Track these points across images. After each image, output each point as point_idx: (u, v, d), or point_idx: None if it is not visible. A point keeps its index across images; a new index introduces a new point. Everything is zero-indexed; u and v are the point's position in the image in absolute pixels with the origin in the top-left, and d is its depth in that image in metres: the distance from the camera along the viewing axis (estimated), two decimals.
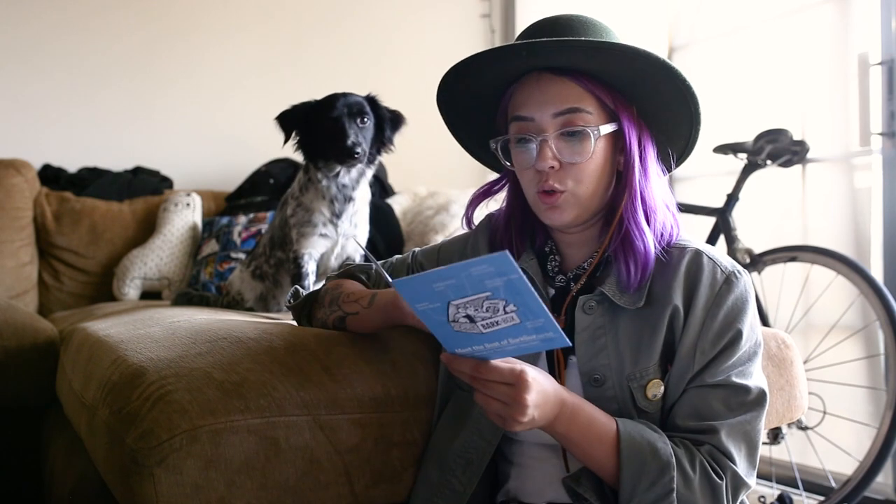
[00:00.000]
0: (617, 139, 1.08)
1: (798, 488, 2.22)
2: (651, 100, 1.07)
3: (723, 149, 2.44)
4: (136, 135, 3.05)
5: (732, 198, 2.41)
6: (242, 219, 2.66)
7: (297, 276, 1.75)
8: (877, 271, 2.26)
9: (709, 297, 1.04)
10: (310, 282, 1.75)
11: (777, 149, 2.34)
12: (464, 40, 3.53)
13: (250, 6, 3.25)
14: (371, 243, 2.51)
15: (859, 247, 2.36)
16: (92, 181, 2.83)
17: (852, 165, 2.41)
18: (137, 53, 3.05)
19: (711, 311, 1.04)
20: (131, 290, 2.61)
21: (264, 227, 2.56)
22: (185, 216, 2.73)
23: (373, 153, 1.75)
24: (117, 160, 2.97)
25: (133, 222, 2.76)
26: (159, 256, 2.64)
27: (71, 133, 2.96)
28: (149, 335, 1.27)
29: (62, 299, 2.64)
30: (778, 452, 2.30)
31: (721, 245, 2.41)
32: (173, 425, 0.99)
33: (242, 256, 2.45)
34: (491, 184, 1.21)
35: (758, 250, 2.35)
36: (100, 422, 1.10)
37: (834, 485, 2.15)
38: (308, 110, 1.73)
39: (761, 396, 1.04)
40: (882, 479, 2.17)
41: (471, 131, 1.21)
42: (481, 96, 1.14)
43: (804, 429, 2.22)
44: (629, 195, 1.07)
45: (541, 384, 0.93)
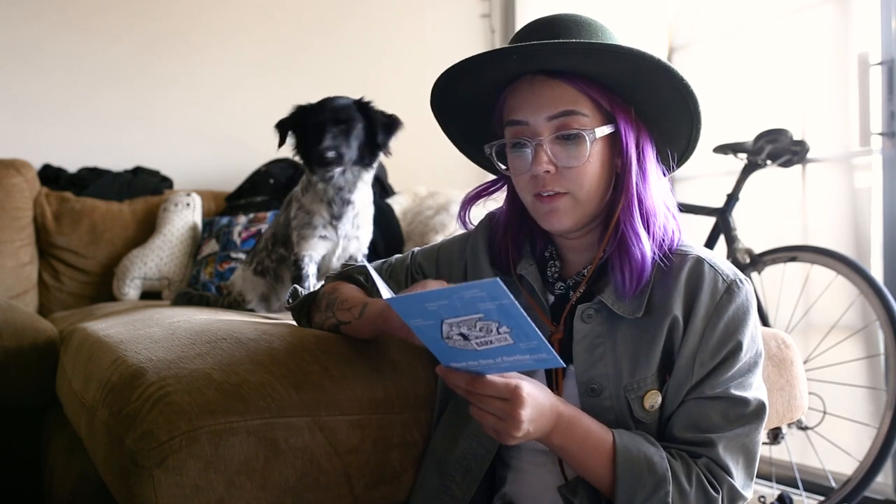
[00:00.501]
0: (614, 141, 1.06)
1: (798, 488, 2.22)
2: (649, 100, 1.05)
3: (723, 149, 2.44)
4: (136, 135, 3.05)
5: (732, 198, 2.41)
6: (242, 219, 2.66)
7: (297, 277, 1.75)
8: (877, 271, 2.25)
9: (709, 306, 1.02)
10: (310, 284, 1.75)
11: (777, 149, 2.34)
12: (464, 40, 3.53)
13: (250, 6, 3.25)
14: (371, 243, 2.50)
15: (859, 247, 2.36)
16: (92, 181, 2.83)
17: (852, 165, 2.41)
18: (137, 53, 3.05)
19: (711, 321, 1.02)
20: (131, 290, 2.61)
21: (264, 226, 2.56)
22: (185, 216, 2.72)
23: (366, 157, 1.74)
24: (117, 160, 2.97)
25: (133, 222, 2.76)
26: (159, 256, 2.64)
27: (71, 133, 2.96)
28: (149, 336, 1.27)
29: (62, 299, 2.64)
30: (778, 452, 2.30)
31: (721, 245, 2.41)
32: (173, 426, 0.99)
33: (242, 256, 2.45)
34: (486, 185, 1.19)
35: (758, 250, 2.35)
36: (99, 422, 1.10)
37: (834, 485, 2.15)
38: (302, 113, 1.73)
39: (760, 408, 1.03)
40: (882, 479, 2.16)
41: (467, 135, 1.18)
42: (476, 100, 1.11)
43: (804, 429, 2.22)
44: (626, 199, 1.04)
45: (536, 398, 0.92)
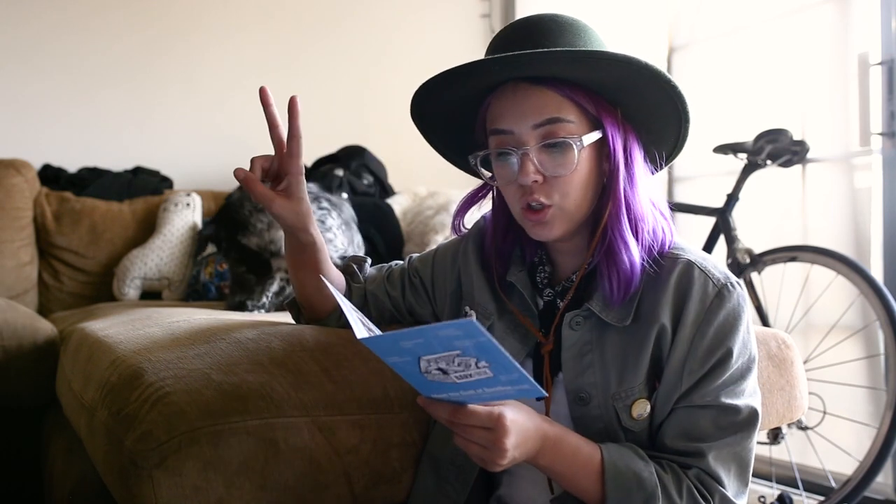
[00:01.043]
0: (602, 146, 1.03)
1: (798, 488, 2.22)
2: (636, 102, 1.02)
3: (723, 149, 2.44)
4: (136, 135, 3.05)
5: (732, 198, 2.41)
6: None
7: None
8: (877, 271, 2.25)
9: (698, 312, 0.99)
10: None
11: (777, 149, 2.34)
12: (464, 40, 3.52)
13: (250, 6, 3.25)
14: (371, 243, 2.50)
15: (859, 247, 2.36)
16: (92, 181, 2.83)
17: (852, 165, 2.41)
18: (137, 53, 3.05)
19: (701, 328, 0.99)
20: (131, 290, 2.60)
21: None
22: (185, 216, 2.72)
23: None
24: (117, 160, 2.96)
25: (133, 222, 2.76)
26: (159, 256, 2.64)
27: (71, 133, 2.96)
28: (148, 336, 1.27)
29: (62, 299, 2.64)
30: (778, 452, 2.30)
31: (721, 245, 2.41)
32: (172, 427, 0.99)
33: None
34: (474, 192, 1.17)
35: (758, 250, 2.35)
36: (99, 423, 1.10)
37: (834, 485, 2.15)
38: None
39: (752, 416, 1.00)
40: (882, 479, 2.16)
41: (450, 143, 1.16)
42: (458, 108, 1.08)
43: (804, 429, 2.22)
44: (614, 205, 1.01)
45: (519, 424, 0.90)
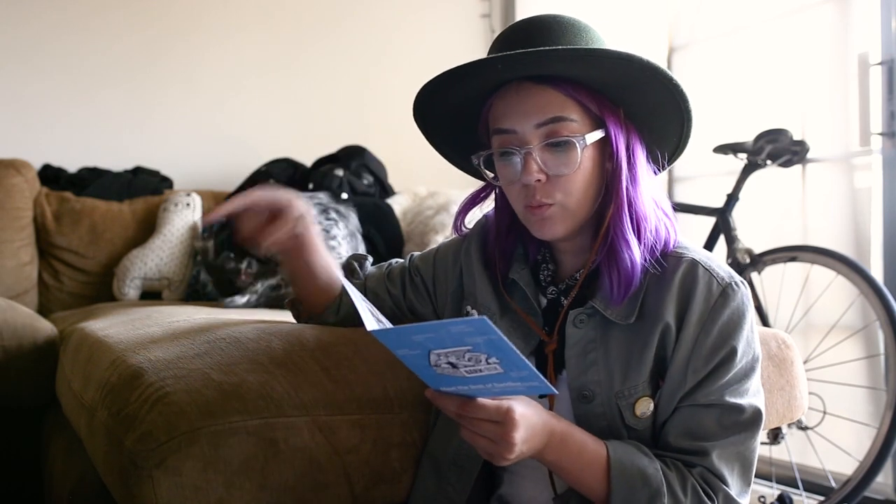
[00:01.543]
0: (604, 145, 1.03)
1: (798, 488, 2.22)
2: (639, 101, 1.03)
3: (723, 149, 2.44)
4: (136, 135, 3.05)
5: (732, 198, 2.41)
6: None
7: None
8: (877, 271, 2.25)
9: (703, 311, 1.00)
10: None
11: (777, 149, 2.34)
12: (464, 40, 3.52)
13: (250, 6, 3.24)
14: (371, 243, 2.51)
15: (859, 247, 2.36)
16: (92, 181, 2.82)
17: (852, 165, 2.41)
18: (137, 53, 3.05)
19: (705, 326, 0.99)
20: (131, 290, 2.60)
21: None
22: (185, 216, 2.72)
23: None
24: (117, 160, 2.96)
25: (133, 222, 2.76)
26: (159, 256, 2.64)
27: (71, 133, 2.96)
28: (148, 336, 1.27)
29: (62, 299, 2.64)
30: (778, 452, 2.30)
31: (721, 245, 2.41)
32: (172, 427, 0.99)
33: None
34: (476, 193, 1.18)
35: (758, 250, 2.35)
36: (99, 423, 1.10)
37: (834, 485, 2.15)
38: None
39: (756, 416, 1.01)
40: (882, 479, 2.16)
41: (451, 143, 1.16)
42: (460, 108, 1.08)
43: (804, 429, 2.22)
44: (616, 204, 1.02)
45: (528, 419, 0.90)
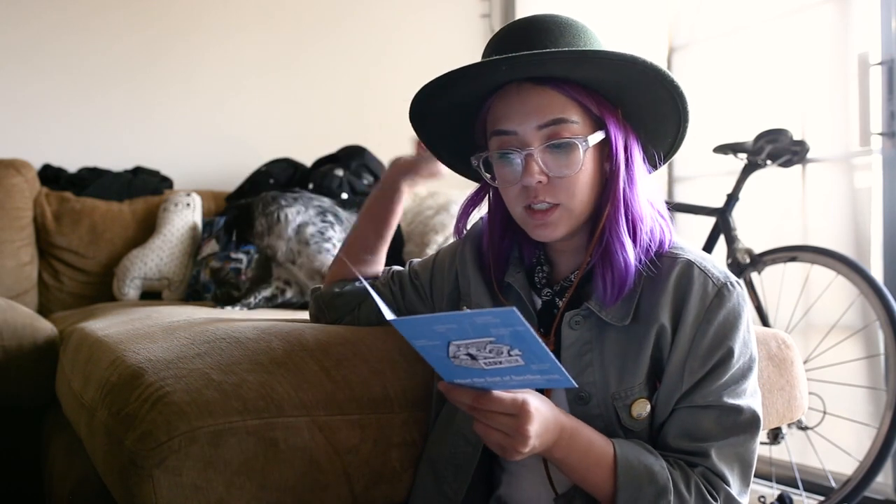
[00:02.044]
0: (604, 146, 1.03)
1: (798, 488, 2.22)
2: (637, 102, 1.03)
3: (723, 149, 2.44)
4: (136, 135, 3.05)
5: (732, 198, 2.41)
6: None
7: None
8: (877, 271, 2.25)
9: (698, 312, 0.99)
10: None
11: (777, 149, 2.34)
12: (464, 40, 3.52)
13: (250, 6, 3.25)
14: None
15: (859, 247, 2.36)
16: (92, 181, 2.83)
17: (852, 165, 2.41)
18: (137, 53, 3.05)
19: (701, 327, 0.99)
20: (131, 290, 2.60)
21: None
22: (185, 216, 2.72)
23: None
24: (117, 160, 2.96)
25: (133, 222, 2.76)
26: (159, 256, 2.64)
27: (71, 133, 2.96)
28: (148, 336, 1.27)
29: (62, 299, 2.64)
30: (778, 452, 2.30)
31: (721, 245, 2.41)
32: (172, 427, 0.99)
33: (242, 257, 2.45)
34: (473, 195, 1.17)
35: (758, 250, 2.35)
36: (99, 423, 1.10)
37: (834, 485, 2.15)
38: None
39: (754, 418, 1.01)
40: (882, 479, 2.16)
41: (448, 146, 1.16)
42: (457, 110, 1.08)
43: (804, 429, 2.22)
44: (612, 205, 1.02)
45: (542, 413, 0.90)
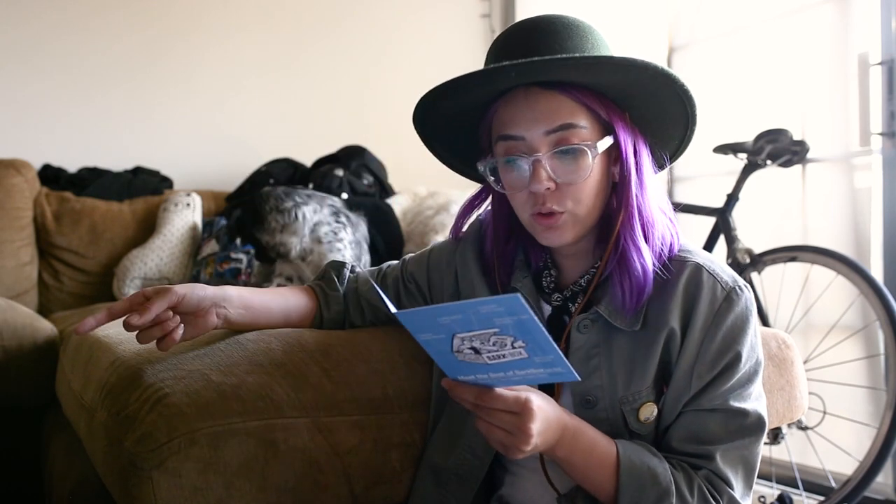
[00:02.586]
0: (612, 151, 1.02)
1: (798, 488, 2.22)
2: (646, 105, 1.03)
3: (723, 149, 2.44)
4: (136, 135, 3.05)
5: (732, 198, 2.41)
6: None
7: None
8: (877, 271, 2.25)
9: (707, 316, 1.00)
10: None
11: (777, 149, 2.34)
12: (464, 40, 3.53)
13: (250, 6, 3.25)
14: (371, 243, 2.51)
15: (859, 247, 2.36)
16: (92, 181, 2.82)
17: (852, 165, 2.41)
18: (137, 53, 3.05)
19: (710, 331, 0.99)
20: (131, 290, 2.60)
21: None
22: (185, 216, 2.72)
23: None
24: (117, 160, 2.96)
25: (133, 222, 2.76)
26: (159, 256, 2.64)
27: (71, 133, 2.96)
28: None
29: (62, 299, 2.64)
30: (778, 452, 2.30)
31: (721, 245, 2.41)
32: (171, 428, 0.99)
33: (243, 257, 2.45)
34: (473, 197, 1.17)
35: (758, 250, 2.35)
36: (98, 424, 1.10)
37: (834, 485, 2.15)
38: None
39: (760, 421, 1.01)
40: (882, 479, 2.17)
41: (452, 149, 1.15)
42: (462, 114, 1.07)
43: (804, 429, 2.22)
44: (626, 212, 1.01)
45: (545, 411, 0.90)
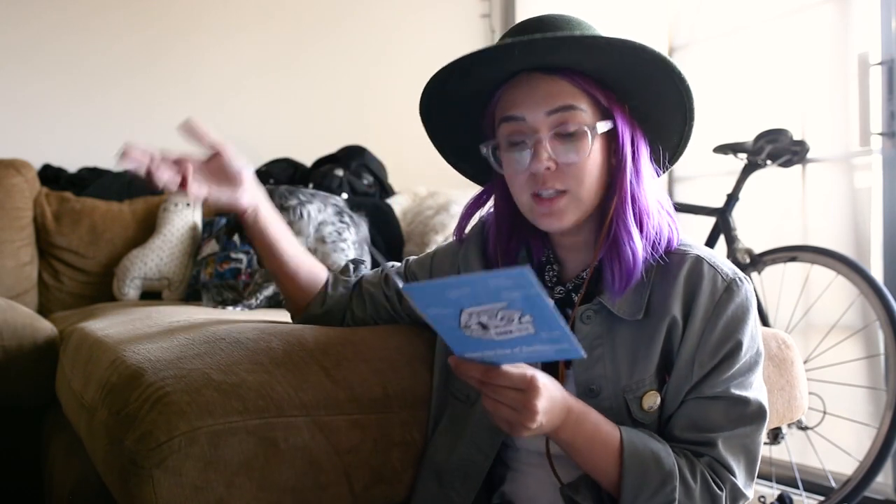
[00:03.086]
0: (610, 139, 1.04)
1: (798, 488, 2.22)
2: (645, 97, 1.04)
3: (723, 149, 2.44)
4: (136, 135, 3.03)
5: (732, 198, 2.41)
6: None
7: None
8: (877, 271, 2.25)
9: (708, 306, 1.01)
10: None
11: (777, 149, 2.34)
12: (464, 40, 3.52)
13: (250, 6, 3.25)
14: (371, 244, 2.51)
15: (859, 247, 2.36)
16: (92, 181, 2.83)
17: (852, 165, 2.41)
18: (137, 53, 3.05)
19: (711, 321, 1.01)
20: (131, 290, 2.60)
21: None
22: (185, 216, 2.72)
23: None
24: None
25: (133, 222, 2.76)
26: (159, 256, 2.64)
27: (71, 133, 2.96)
28: (147, 336, 1.27)
29: (62, 299, 2.64)
30: (778, 452, 2.30)
31: (721, 245, 2.41)
32: (172, 427, 0.99)
33: (243, 257, 2.45)
34: (476, 198, 1.18)
35: (758, 250, 2.35)
36: (99, 423, 1.10)
37: (834, 485, 2.15)
38: None
39: (761, 410, 1.02)
40: (882, 479, 2.16)
41: (452, 141, 1.16)
42: (464, 103, 1.08)
43: (804, 429, 2.22)
44: (619, 197, 1.03)
45: (550, 390, 0.91)
